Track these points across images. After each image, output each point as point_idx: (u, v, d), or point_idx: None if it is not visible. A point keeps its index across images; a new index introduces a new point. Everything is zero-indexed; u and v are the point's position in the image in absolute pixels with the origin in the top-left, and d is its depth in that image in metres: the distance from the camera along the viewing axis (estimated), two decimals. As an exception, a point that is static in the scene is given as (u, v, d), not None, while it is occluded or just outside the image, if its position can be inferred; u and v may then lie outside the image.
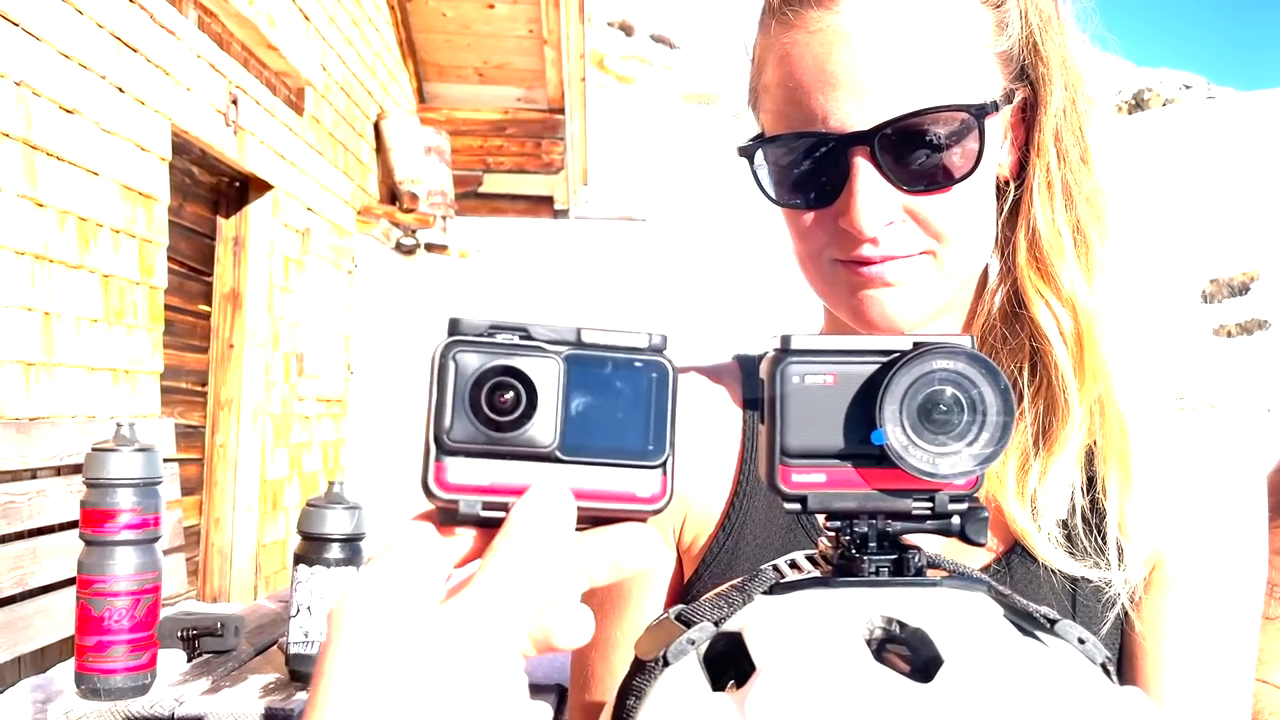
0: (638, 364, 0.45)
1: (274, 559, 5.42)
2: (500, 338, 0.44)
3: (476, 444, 0.43)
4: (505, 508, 0.43)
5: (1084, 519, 0.86)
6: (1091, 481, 0.87)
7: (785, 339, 0.53)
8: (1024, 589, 0.86)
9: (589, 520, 0.44)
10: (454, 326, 0.44)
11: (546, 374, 0.43)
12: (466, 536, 0.44)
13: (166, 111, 4.03)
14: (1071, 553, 0.85)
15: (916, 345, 0.53)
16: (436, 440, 0.43)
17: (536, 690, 1.65)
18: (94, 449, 1.47)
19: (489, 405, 0.43)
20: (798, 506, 0.52)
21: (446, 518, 0.44)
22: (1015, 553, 0.87)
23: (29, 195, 3.19)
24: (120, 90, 3.70)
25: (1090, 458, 0.87)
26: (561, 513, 0.43)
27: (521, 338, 0.44)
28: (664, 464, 0.45)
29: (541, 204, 9.14)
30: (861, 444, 0.52)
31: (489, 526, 0.43)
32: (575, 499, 0.43)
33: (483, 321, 0.44)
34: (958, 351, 0.52)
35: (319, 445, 6.10)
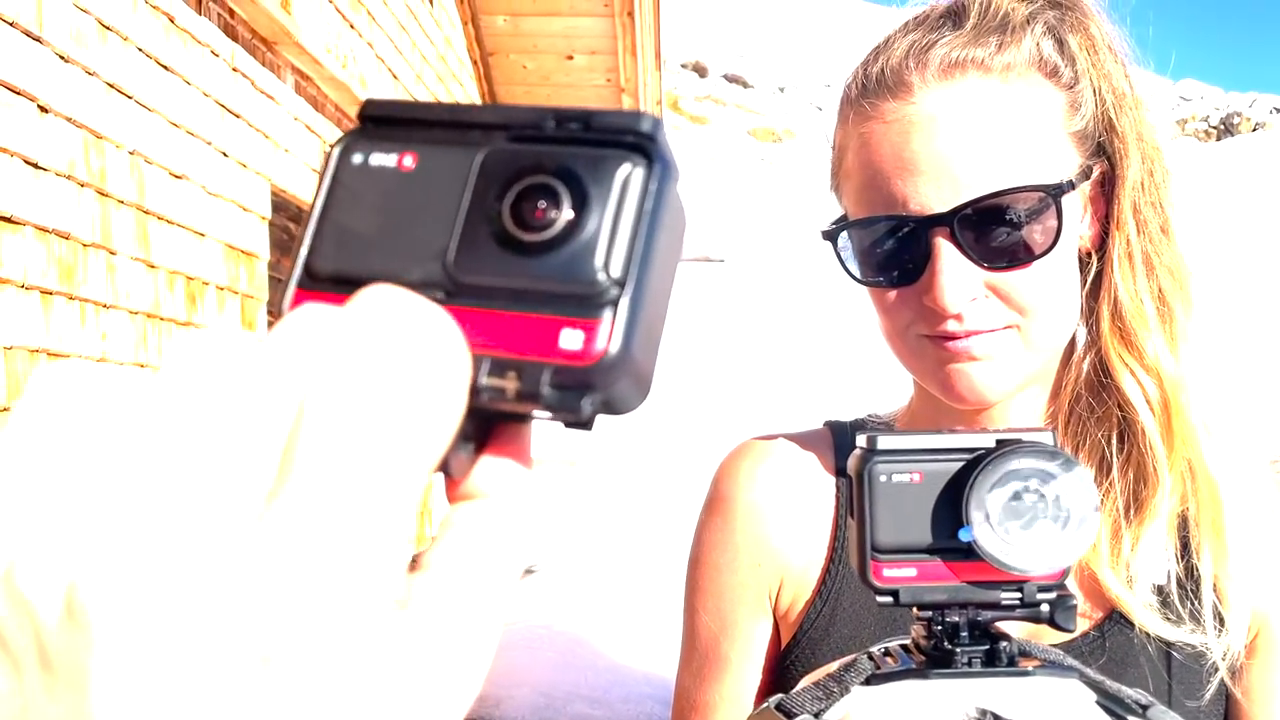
0: None
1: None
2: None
3: None
4: None
5: (1180, 585, 0.87)
6: (1186, 547, 0.88)
7: (871, 439, 0.57)
8: (1121, 657, 0.87)
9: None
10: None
11: None
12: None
13: (266, 173, 4.22)
14: (1168, 619, 0.85)
15: (1000, 443, 0.56)
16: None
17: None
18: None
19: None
20: (890, 600, 0.56)
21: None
22: (1112, 620, 0.88)
23: (141, 258, 3.37)
24: (224, 155, 3.89)
25: (1184, 523, 0.88)
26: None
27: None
28: None
29: (620, 248, 9.25)
30: (949, 539, 0.55)
31: None
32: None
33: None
34: (1040, 449, 0.55)
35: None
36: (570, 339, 0.26)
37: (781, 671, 0.96)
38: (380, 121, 0.30)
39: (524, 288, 0.27)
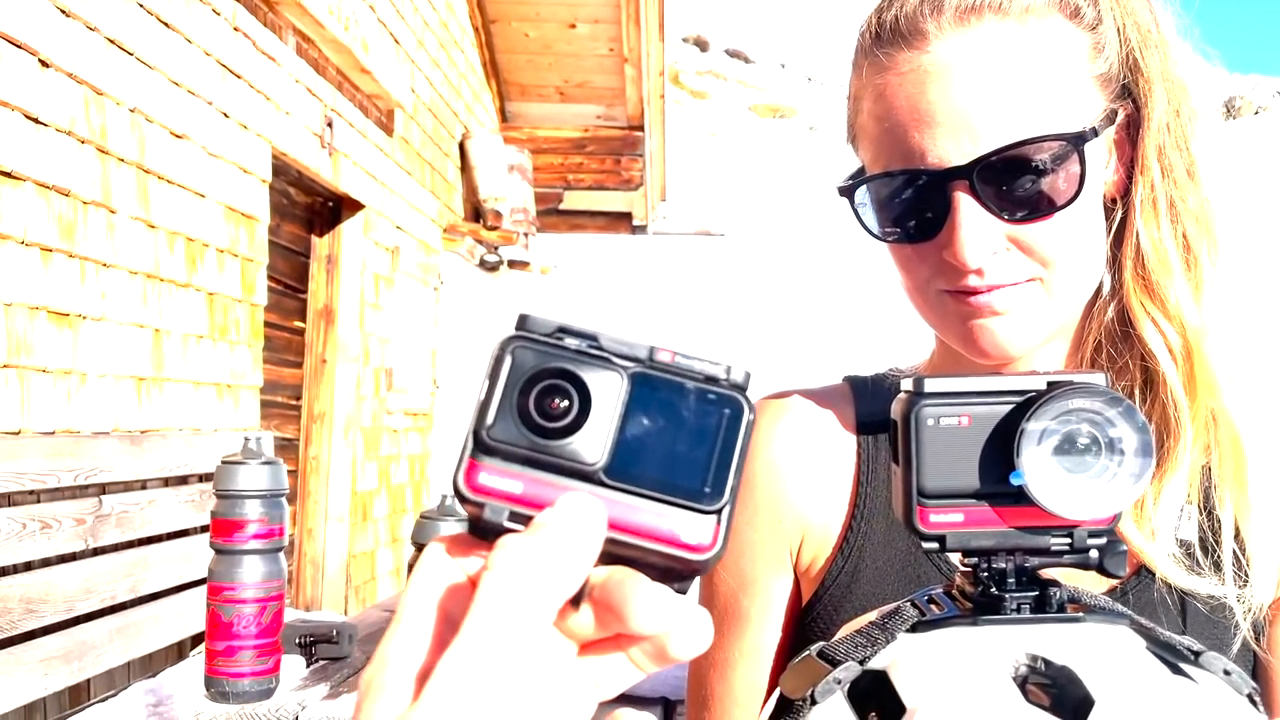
0: (711, 396, 0.39)
1: (363, 569, 5.54)
2: (567, 341, 0.40)
3: (517, 448, 0.38)
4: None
5: (1202, 537, 0.85)
6: (1209, 499, 0.86)
7: (918, 381, 0.55)
8: (1147, 614, 0.86)
9: (619, 559, 0.38)
10: (521, 322, 0.40)
11: (607, 387, 0.39)
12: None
13: (267, 135, 4.18)
14: (1192, 571, 0.84)
15: (1051, 385, 0.54)
16: (475, 436, 0.39)
17: (641, 703, 1.69)
18: (224, 461, 1.54)
19: (538, 409, 0.39)
20: (936, 545, 0.54)
21: (472, 523, 0.40)
22: (1139, 576, 0.87)
23: (141, 217, 3.33)
24: (225, 115, 3.85)
25: (1207, 475, 0.87)
26: (590, 534, 0.37)
27: (589, 345, 0.39)
28: (719, 511, 0.39)
29: (621, 220, 9.21)
30: (998, 483, 0.53)
31: None
32: (610, 528, 0.38)
33: (552, 322, 0.40)
34: (1094, 390, 0.53)
35: (406, 458, 6.23)
36: None
37: (802, 629, 0.95)
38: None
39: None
